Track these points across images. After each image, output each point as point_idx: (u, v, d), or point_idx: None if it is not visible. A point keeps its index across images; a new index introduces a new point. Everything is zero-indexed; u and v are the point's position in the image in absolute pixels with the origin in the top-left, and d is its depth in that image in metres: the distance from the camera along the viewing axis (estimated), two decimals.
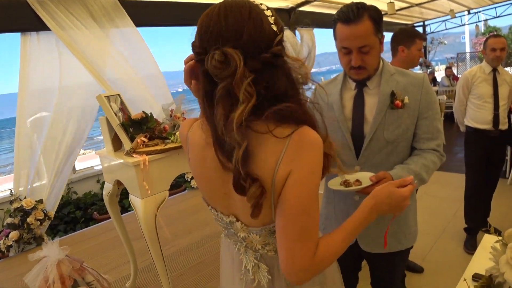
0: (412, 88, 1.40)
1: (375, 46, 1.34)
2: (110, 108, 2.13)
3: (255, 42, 0.80)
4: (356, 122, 1.43)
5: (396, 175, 1.28)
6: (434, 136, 1.41)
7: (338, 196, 1.55)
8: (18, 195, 3.80)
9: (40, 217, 3.77)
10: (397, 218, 1.43)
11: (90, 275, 2.01)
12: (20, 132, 3.77)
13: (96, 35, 3.95)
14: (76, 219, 4.69)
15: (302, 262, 0.85)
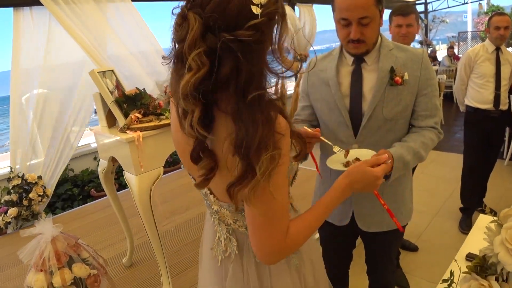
0: (411, 64, 1.36)
1: (375, 18, 1.29)
2: (103, 83, 2.09)
3: (222, 17, 0.74)
4: (353, 99, 1.39)
5: (396, 153, 1.26)
6: (432, 113, 1.39)
7: (334, 175, 1.52)
8: (17, 173, 3.79)
9: (40, 193, 3.79)
10: (391, 194, 1.46)
11: (86, 252, 2.00)
12: (14, 109, 3.73)
13: (91, 11, 3.87)
14: (73, 196, 4.70)
15: (273, 245, 0.86)
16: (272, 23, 0.80)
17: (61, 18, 3.53)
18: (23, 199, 3.67)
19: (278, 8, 0.80)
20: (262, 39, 0.77)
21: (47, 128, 3.96)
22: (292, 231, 0.88)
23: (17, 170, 3.80)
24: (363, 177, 1.02)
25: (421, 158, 1.35)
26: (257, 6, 0.75)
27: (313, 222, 0.94)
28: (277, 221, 0.85)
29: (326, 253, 1.72)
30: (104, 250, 2.91)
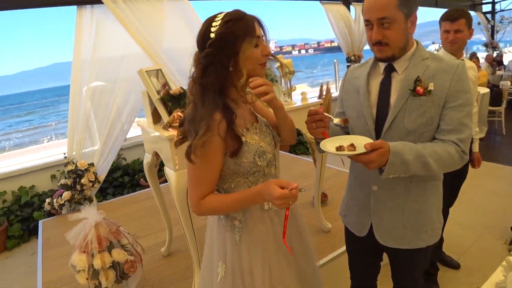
0: (442, 75, 1.28)
1: (397, 20, 1.25)
2: (150, 82, 2.20)
3: (198, 43, 1.23)
4: (380, 108, 1.36)
5: (394, 147, 1.20)
6: (456, 128, 1.27)
7: (357, 184, 1.51)
8: (72, 159, 4.07)
9: (91, 179, 4.05)
10: (415, 210, 1.39)
11: (125, 239, 2.13)
12: (74, 99, 4.00)
13: (148, 8, 4.06)
14: (124, 184, 4.94)
15: (191, 200, 1.26)
16: (224, 41, 1.16)
17: (119, 15, 3.75)
18: (76, 184, 3.95)
19: (228, 29, 1.16)
20: (216, 52, 1.17)
21: (103, 118, 4.20)
22: (207, 200, 1.23)
23: (73, 156, 4.08)
24: (268, 191, 1.13)
25: (428, 167, 1.24)
26: (213, 32, 1.18)
27: (225, 203, 1.24)
28: (195, 185, 1.24)
29: (351, 262, 1.71)
30: (145, 238, 3.07)
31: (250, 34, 1.18)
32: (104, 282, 1.97)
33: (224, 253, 1.34)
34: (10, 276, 3.36)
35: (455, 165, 1.29)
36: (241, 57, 1.19)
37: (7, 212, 4.13)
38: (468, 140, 1.30)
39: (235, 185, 1.29)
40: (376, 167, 1.20)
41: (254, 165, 1.26)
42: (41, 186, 4.50)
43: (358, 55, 7.33)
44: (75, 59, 3.92)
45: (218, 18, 1.19)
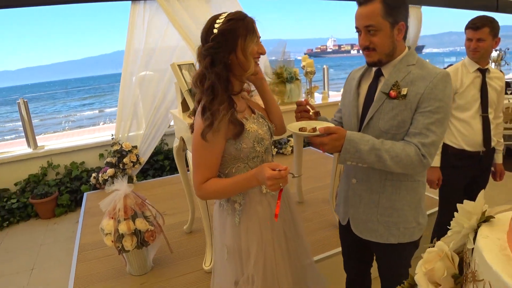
0: (419, 82, 1.34)
1: (382, 28, 1.34)
2: (181, 75, 2.46)
3: (202, 37, 1.36)
4: (365, 109, 1.47)
5: (351, 136, 1.31)
6: (421, 132, 1.32)
7: (344, 177, 1.64)
8: (118, 140, 4.49)
9: (133, 160, 4.44)
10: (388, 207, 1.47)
11: (149, 211, 2.42)
12: (124, 86, 4.39)
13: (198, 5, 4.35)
14: (164, 167, 5.29)
15: (194, 182, 1.38)
16: (225, 36, 1.30)
17: (168, 10, 4.06)
18: (120, 162, 4.36)
19: (229, 26, 1.30)
20: (217, 46, 1.30)
21: (149, 105, 4.57)
22: (208, 183, 1.35)
23: (119, 138, 4.50)
24: (261, 173, 1.25)
25: (383, 162, 1.31)
26: (216, 28, 1.31)
27: (224, 187, 1.35)
28: (198, 169, 1.35)
29: (343, 249, 1.85)
30: (172, 216, 3.37)
31: (252, 33, 1.33)
32: (126, 246, 2.26)
33: (226, 236, 1.46)
34: (55, 239, 3.82)
35: (414, 167, 1.34)
36: (242, 52, 1.32)
37: (59, 183, 4.63)
38: (433, 146, 1.33)
39: (235, 169, 1.41)
40: (330, 150, 1.32)
41: (254, 151, 1.39)
42: (90, 162, 4.97)
43: None
44: (127, 50, 4.30)
45: (222, 17, 1.33)
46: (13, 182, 4.54)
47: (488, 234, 0.60)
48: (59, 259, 3.37)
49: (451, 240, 0.68)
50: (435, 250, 0.68)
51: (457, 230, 0.66)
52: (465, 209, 0.66)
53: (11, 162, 4.55)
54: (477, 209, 0.65)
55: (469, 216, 0.64)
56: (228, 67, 1.34)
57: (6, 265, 3.37)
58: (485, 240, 0.58)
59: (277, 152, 5.17)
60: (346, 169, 1.61)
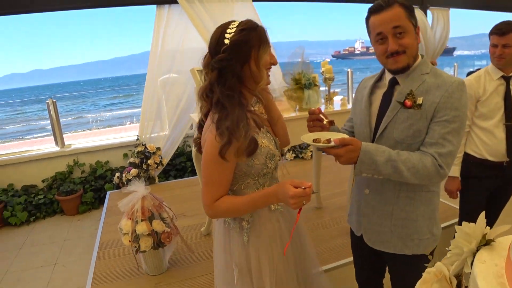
0: (435, 91, 1.32)
1: (410, 30, 1.32)
2: (199, 79, 2.50)
3: (211, 48, 1.30)
4: (379, 118, 1.44)
5: (366, 147, 1.28)
6: (437, 142, 1.30)
7: (355, 186, 1.61)
8: (142, 141, 4.58)
9: (157, 161, 4.53)
10: (402, 218, 1.44)
11: (166, 213, 2.47)
12: (148, 88, 4.49)
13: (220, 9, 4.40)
14: (185, 168, 5.35)
15: (204, 201, 1.30)
16: (238, 47, 1.24)
17: (191, 15, 4.13)
18: (143, 163, 4.45)
19: (243, 37, 1.24)
20: (230, 57, 1.24)
21: (173, 107, 4.65)
22: (221, 201, 1.27)
23: (143, 139, 4.59)
24: (282, 191, 1.18)
25: (400, 173, 1.29)
26: (227, 38, 1.25)
27: (239, 205, 1.28)
28: (210, 186, 1.28)
29: (354, 259, 1.83)
30: (191, 217, 3.42)
31: (265, 43, 1.28)
32: (143, 246, 2.31)
33: (234, 256, 1.39)
34: (78, 235, 3.93)
35: (431, 178, 1.31)
36: (255, 63, 1.27)
37: (84, 181, 4.77)
38: (450, 156, 1.31)
39: (244, 186, 1.35)
40: (345, 162, 1.28)
41: (265, 167, 1.34)
42: (115, 162, 5.09)
43: (432, 62, 7.05)
44: (153, 52, 4.39)
45: (232, 26, 1.26)
46: (40, 179, 4.71)
47: (486, 258, 0.59)
48: (81, 255, 3.47)
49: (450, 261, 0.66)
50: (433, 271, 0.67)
51: (456, 253, 0.65)
52: (464, 232, 0.64)
53: (39, 159, 4.72)
54: (477, 232, 0.63)
55: (468, 239, 0.62)
56: (240, 80, 1.27)
57: (31, 258, 3.49)
58: (481, 266, 0.57)
59: (295, 156, 5.15)
60: (358, 179, 1.58)
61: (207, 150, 1.26)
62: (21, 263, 3.42)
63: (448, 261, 0.67)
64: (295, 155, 5.20)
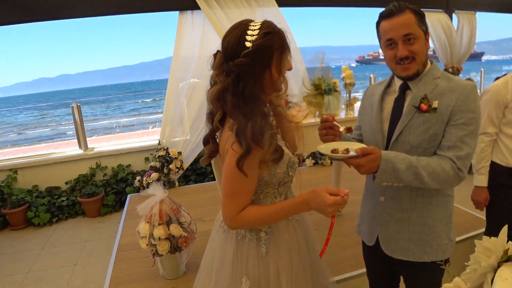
0: (449, 94, 1.32)
1: (420, 37, 1.33)
2: None
3: (228, 49, 1.19)
4: (392, 124, 1.42)
5: (387, 156, 1.25)
6: (455, 145, 1.29)
7: (368, 194, 1.58)
8: (163, 145, 4.63)
9: (178, 166, 4.57)
10: (420, 224, 1.42)
11: (183, 217, 2.47)
12: (170, 93, 4.54)
13: (241, 14, 4.42)
14: (206, 173, 5.40)
15: (227, 213, 1.22)
16: (261, 52, 1.16)
17: (213, 20, 4.18)
18: (164, 167, 4.49)
19: (267, 41, 1.16)
20: (252, 63, 1.15)
21: (193, 112, 4.68)
22: (246, 212, 1.20)
23: (164, 143, 4.64)
24: (318, 199, 1.14)
25: (421, 179, 1.28)
26: (249, 41, 1.16)
27: (267, 215, 1.22)
28: (234, 197, 1.20)
29: (368, 270, 1.78)
30: (209, 222, 3.40)
31: (286, 48, 1.22)
32: (160, 250, 2.32)
33: (248, 268, 1.31)
34: (98, 237, 4.00)
35: (450, 182, 1.31)
36: (277, 69, 1.21)
37: (106, 184, 4.86)
38: (468, 159, 1.31)
39: (263, 196, 1.30)
40: (366, 172, 1.26)
41: (286, 175, 1.29)
42: (136, 165, 5.17)
43: (457, 68, 6.88)
44: (175, 57, 4.45)
45: (254, 28, 1.18)
46: (64, 181, 4.83)
47: (508, 276, 0.55)
48: (100, 257, 3.52)
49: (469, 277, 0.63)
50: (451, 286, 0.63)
51: (475, 268, 0.61)
52: (484, 246, 0.60)
53: (63, 162, 4.85)
54: (498, 247, 0.59)
55: (488, 253, 0.59)
56: (262, 86, 1.21)
57: (53, 258, 3.57)
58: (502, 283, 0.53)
59: (315, 163, 5.10)
60: (372, 187, 1.55)
61: (231, 159, 1.17)
62: (42, 262, 3.50)
63: (467, 277, 0.64)
64: (315, 162, 5.14)
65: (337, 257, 2.67)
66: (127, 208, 3.94)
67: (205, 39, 4.44)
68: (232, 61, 1.18)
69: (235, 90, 1.17)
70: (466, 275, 0.64)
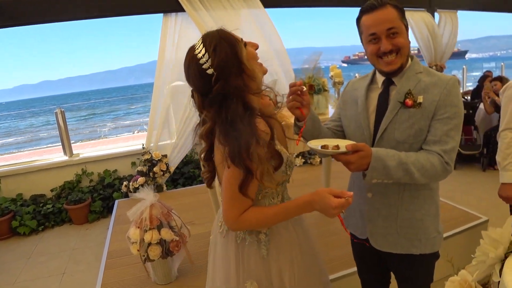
0: (433, 89, 1.33)
1: (402, 31, 1.33)
2: None
3: (199, 88, 1.19)
4: (377, 119, 1.42)
5: (377, 153, 1.25)
6: (441, 139, 1.30)
7: (355, 189, 1.56)
8: (148, 149, 4.57)
9: (163, 169, 4.51)
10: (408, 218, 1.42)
11: (174, 221, 2.43)
12: (156, 96, 4.49)
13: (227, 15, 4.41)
14: (194, 176, 5.33)
15: (229, 216, 1.20)
16: (226, 66, 1.13)
17: (198, 22, 4.15)
18: (150, 171, 4.43)
19: (221, 54, 1.12)
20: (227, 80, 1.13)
21: (180, 115, 4.63)
22: (248, 214, 1.19)
23: (150, 147, 4.58)
24: (322, 201, 1.13)
25: (411, 175, 1.27)
26: (208, 68, 1.13)
27: (269, 216, 1.21)
28: (236, 200, 1.17)
29: (358, 268, 1.78)
30: (199, 226, 3.38)
31: (237, 41, 1.17)
32: (151, 255, 2.28)
33: (250, 271, 1.29)
34: (86, 244, 3.92)
35: (438, 176, 1.32)
36: (244, 64, 1.16)
37: (92, 190, 4.76)
38: (454, 152, 1.32)
39: (262, 196, 1.28)
40: (356, 169, 1.25)
41: (285, 175, 1.28)
42: (123, 170, 5.09)
43: (440, 65, 6.98)
44: (160, 60, 4.40)
45: (202, 53, 1.14)
46: (49, 188, 4.72)
47: None
48: (89, 264, 3.45)
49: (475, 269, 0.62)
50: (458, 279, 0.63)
51: (482, 260, 0.61)
52: (491, 237, 0.60)
53: (48, 169, 4.74)
54: (505, 238, 0.58)
55: (495, 244, 0.58)
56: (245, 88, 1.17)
57: (40, 268, 3.48)
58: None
59: (304, 162, 5.11)
60: (359, 182, 1.54)
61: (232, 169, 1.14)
62: (29, 272, 3.41)
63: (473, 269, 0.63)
64: (304, 161, 5.15)
65: (328, 256, 2.67)
66: (115, 214, 3.88)
67: (190, 42, 4.38)
68: (211, 93, 1.15)
69: (220, 120, 1.15)
70: (473, 267, 0.63)
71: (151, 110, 4.58)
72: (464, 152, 5.41)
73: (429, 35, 6.67)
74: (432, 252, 1.47)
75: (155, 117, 4.55)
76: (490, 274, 0.59)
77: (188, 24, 4.29)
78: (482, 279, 0.61)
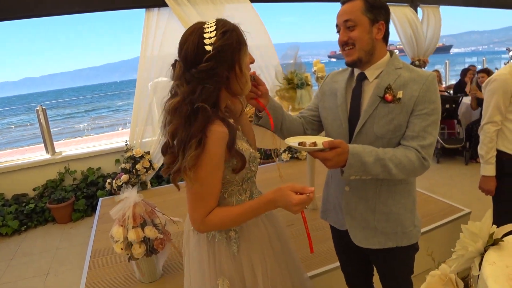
0: (412, 84, 1.33)
1: (361, 23, 1.33)
2: None
3: (188, 57, 1.13)
4: (352, 113, 1.43)
5: (354, 149, 1.25)
6: (419, 135, 1.31)
7: (333, 182, 1.58)
8: (132, 146, 4.51)
9: (146, 166, 4.46)
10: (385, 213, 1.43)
11: (158, 219, 2.41)
12: (139, 93, 4.42)
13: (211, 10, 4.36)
14: None
15: (194, 217, 1.18)
16: (224, 53, 1.12)
17: (181, 17, 4.09)
18: (133, 169, 4.38)
19: (227, 40, 1.12)
20: (216, 65, 1.11)
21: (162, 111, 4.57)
22: (213, 215, 1.17)
23: (134, 144, 4.52)
24: (284, 198, 1.12)
25: (389, 171, 1.28)
26: (209, 44, 1.11)
27: (234, 216, 1.19)
28: (199, 202, 1.16)
29: (341, 263, 1.79)
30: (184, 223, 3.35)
31: (244, 42, 1.19)
32: (135, 253, 2.25)
33: (222, 269, 1.29)
34: (70, 244, 3.86)
35: (416, 171, 1.33)
36: (239, 67, 1.18)
37: (76, 188, 4.69)
38: (431, 148, 1.33)
39: (228, 194, 1.27)
40: (333, 165, 1.24)
41: (249, 171, 1.27)
42: (107, 168, 5.02)
43: (423, 60, 7.05)
44: (142, 56, 4.33)
45: (210, 30, 1.13)
46: (31, 187, 4.63)
47: (496, 260, 0.54)
48: (73, 264, 3.40)
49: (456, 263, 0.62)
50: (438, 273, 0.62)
51: (461, 254, 0.60)
52: (470, 231, 0.60)
53: (30, 167, 4.64)
54: (484, 231, 0.58)
55: (474, 238, 0.58)
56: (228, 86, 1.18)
57: (23, 268, 3.42)
58: (491, 268, 0.53)
59: (291, 157, 5.11)
60: (336, 176, 1.54)
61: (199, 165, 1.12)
62: (12, 273, 3.34)
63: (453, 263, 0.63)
64: (291, 156, 5.16)
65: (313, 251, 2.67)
66: (99, 212, 3.82)
67: (173, 37, 4.35)
68: (195, 68, 1.12)
69: (190, 100, 1.10)
70: (453, 261, 0.63)
71: (134, 107, 4.51)
72: (447, 146, 5.50)
73: (411, 30, 6.72)
74: (409, 245, 1.48)
75: (138, 114, 4.49)
76: (470, 268, 0.59)
77: (171, 19, 4.23)
78: (461, 272, 0.61)
